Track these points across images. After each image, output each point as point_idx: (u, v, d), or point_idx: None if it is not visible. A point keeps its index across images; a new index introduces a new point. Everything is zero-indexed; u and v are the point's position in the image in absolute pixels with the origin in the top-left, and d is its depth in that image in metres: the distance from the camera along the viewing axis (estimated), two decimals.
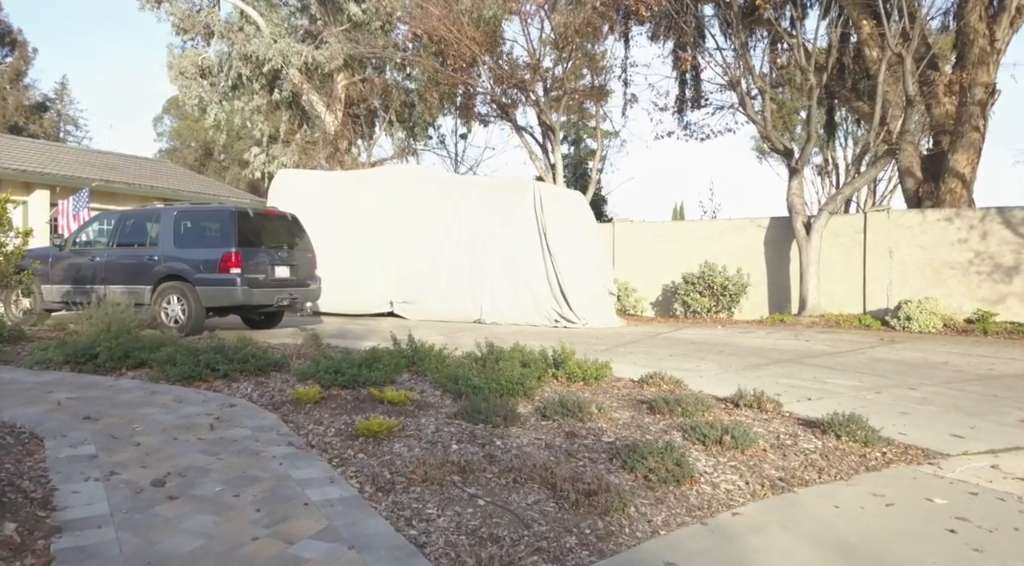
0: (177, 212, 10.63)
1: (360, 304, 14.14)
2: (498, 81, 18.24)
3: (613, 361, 7.21)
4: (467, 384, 5.16)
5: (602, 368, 6.15)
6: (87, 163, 18.86)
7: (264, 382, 5.63)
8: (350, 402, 5.04)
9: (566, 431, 4.54)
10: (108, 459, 3.75)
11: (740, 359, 8.93)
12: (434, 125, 22.87)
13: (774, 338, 11.60)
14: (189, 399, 5.06)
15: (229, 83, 21.45)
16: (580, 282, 13.27)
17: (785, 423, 5.16)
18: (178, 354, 5.70)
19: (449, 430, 4.43)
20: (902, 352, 10.03)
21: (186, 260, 10.22)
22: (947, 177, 15.48)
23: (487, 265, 13.42)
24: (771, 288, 15.94)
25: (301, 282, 11.02)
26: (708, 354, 9.33)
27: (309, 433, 4.36)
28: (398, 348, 6.39)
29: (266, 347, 7.18)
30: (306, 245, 11.35)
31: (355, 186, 14.85)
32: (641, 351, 9.51)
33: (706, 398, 5.29)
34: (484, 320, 13.25)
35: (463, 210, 13.80)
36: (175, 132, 45.63)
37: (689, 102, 20.43)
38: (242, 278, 9.95)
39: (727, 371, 7.91)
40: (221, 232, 10.21)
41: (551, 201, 13.62)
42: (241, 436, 4.23)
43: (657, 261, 16.81)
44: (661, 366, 7.90)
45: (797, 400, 6.25)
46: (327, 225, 14.23)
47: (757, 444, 4.44)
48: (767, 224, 16.03)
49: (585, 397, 5.22)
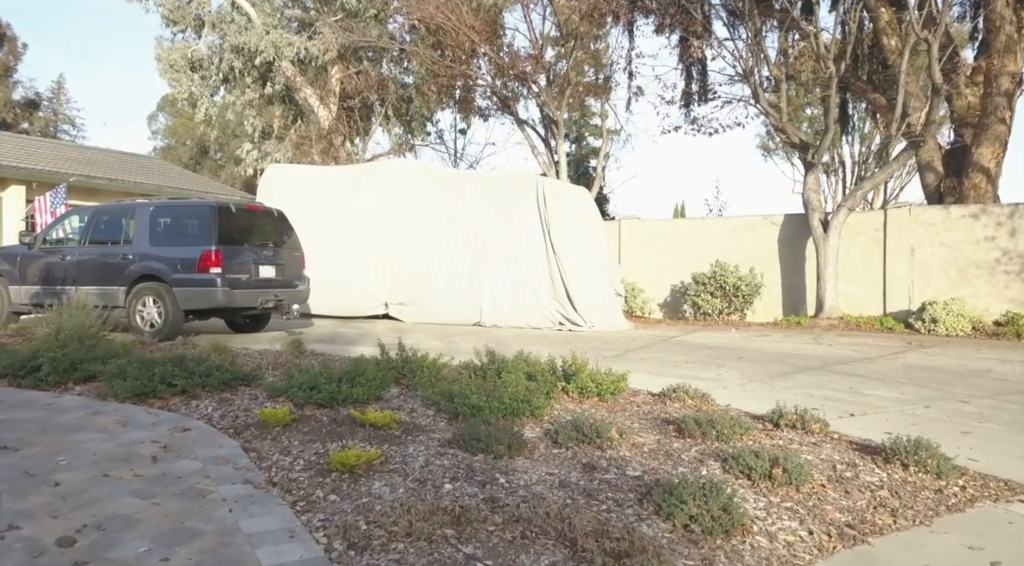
0: (153, 207, 9.87)
1: (353, 306, 13.40)
2: (499, 73, 17.48)
3: (627, 369, 6.47)
4: (465, 403, 4.40)
5: (618, 381, 5.39)
6: (67, 158, 18.05)
7: (229, 399, 4.86)
8: (326, 425, 4.28)
9: (583, 462, 3.79)
10: (12, 506, 2.99)
11: (763, 366, 8.18)
12: (432, 120, 22.10)
13: (793, 342, 10.85)
14: (136, 421, 4.30)
15: (220, 76, 20.71)
16: (586, 282, 12.51)
17: (837, 448, 4.41)
18: (130, 366, 4.93)
19: (442, 463, 3.67)
20: (936, 358, 9.28)
21: (163, 259, 9.48)
22: (971, 172, 14.72)
23: (487, 265, 12.66)
24: (785, 289, 15.17)
25: (288, 283, 10.27)
26: (727, 361, 8.58)
27: (273, 466, 3.60)
28: (386, 357, 5.63)
29: (238, 355, 6.43)
30: (294, 243, 10.60)
31: (349, 181, 14.10)
32: (654, 358, 8.76)
33: (741, 418, 4.53)
34: (484, 323, 12.50)
35: (462, 207, 13.04)
36: (170, 130, 44.88)
37: (696, 96, 19.64)
38: (223, 278, 9.21)
39: (752, 381, 7.17)
40: (200, 229, 9.45)
41: (555, 197, 12.86)
42: (189, 471, 3.47)
43: (665, 260, 16.05)
44: (679, 375, 7.16)
45: (839, 416, 5.50)
46: (320, 222, 13.52)
47: (812, 478, 3.69)
48: (781, 221, 15.27)
49: (603, 418, 4.46)
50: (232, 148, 32.54)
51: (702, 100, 19.62)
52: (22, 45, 36.99)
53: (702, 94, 19.62)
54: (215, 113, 22.04)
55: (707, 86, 19.35)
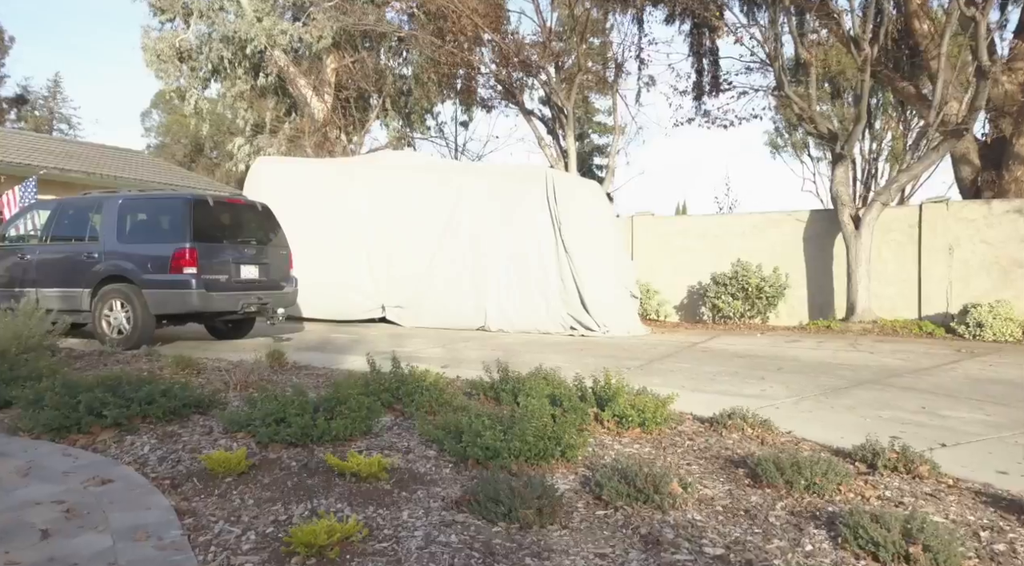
0: (122, 200, 8.85)
1: (348, 309, 12.38)
2: (504, 61, 16.43)
3: (656, 384, 5.47)
4: (476, 443, 3.38)
5: (662, 406, 4.37)
6: (41, 150, 16.97)
7: (174, 434, 3.83)
8: (294, 473, 3.25)
9: (642, 533, 2.76)
10: None
11: (809, 379, 7.16)
12: (432, 112, 21.05)
13: (831, 349, 9.83)
14: (45, 468, 3.28)
15: (210, 67, 19.71)
16: (600, 283, 11.48)
17: (962, 500, 3.39)
18: (51, 392, 3.89)
19: (448, 539, 2.63)
20: (1000, 369, 8.25)
21: (132, 258, 8.47)
22: (1011, 164, 13.70)
23: (492, 264, 11.63)
24: (811, 290, 14.14)
25: (273, 284, 9.25)
26: (767, 372, 7.55)
27: (213, 543, 2.58)
28: (376, 374, 4.61)
29: (206, 369, 5.41)
30: (280, 241, 9.58)
31: (343, 175, 13.07)
32: (683, 368, 7.74)
33: (836, 463, 3.50)
34: (489, 327, 11.48)
35: (465, 202, 12.01)
36: (164, 127, 43.82)
37: (709, 86, 18.56)
38: (198, 279, 8.19)
39: (804, 398, 6.15)
40: (174, 224, 8.44)
41: (566, 191, 11.82)
42: (89, 553, 2.45)
43: (682, 259, 15.01)
44: (717, 390, 6.15)
45: (929, 447, 4.46)
46: (312, 219, 12.53)
47: (961, 560, 2.66)
48: (807, 218, 14.24)
49: (651, 458, 3.45)
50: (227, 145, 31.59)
51: (715, 92, 18.56)
52: (9, 38, 35.96)
53: (714, 85, 18.55)
54: (205, 106, 21.07)
55: (719, 77, 18.29)
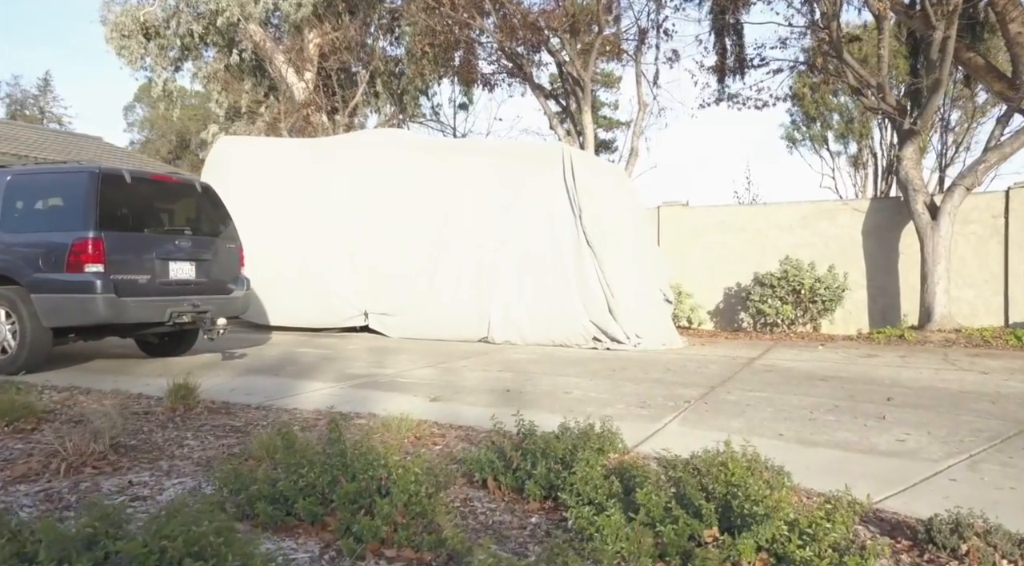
0: (10, 177, 6.73)
1: (324, 316, 10.31)
2: (510, 34, 14.29)
3: (737, 429, 3.41)
4: None
5: (841, 522, 2.25)
6: None
7: None
8: None
9: None
10: None
11: (945, 418, 5.05)
12: (427, 93, 18.88)
13: (927, 368, 7.70)
14: None
15: (179, 43, 17.61)
16: (629, 285, 9.38)
17: None
18: None
19: None
20: None
21: (18, 251, 6.38)
22: None
23: (500, 262, 9.53)
24: (871, 292, 12.03)
25: (215, 287, 7.13)
26: (876, 405, 5.45)
27: None
28: (302, 459, 2.49)
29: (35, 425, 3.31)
30: (229, 232, 7.47)
31: (321, 157, 10.95)
32: (760, 400, 5.61)
33: None
34: (493, 339, 9.39)
35: (468, 188, 9.90)
36: (147, 121, 41.72)
37: (736, 64, 16.36)
38: (105, 279, 6.09)
39: (968, 453, 4.07)
40: (74, 206, 6.32)
41: (587, 175, 9.70)
42: None
43: (717, 256, 12.91)
44: (832, 442, 4.05)
45: None
46: (283, 208, 10.53)
47: None
48: (867, 207, 12.14)
49: None
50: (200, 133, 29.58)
51: (739, 72, 16.33)
52: None
53: (739, 65, 16.35)
54: (176, 89, 19.01)
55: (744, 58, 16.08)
